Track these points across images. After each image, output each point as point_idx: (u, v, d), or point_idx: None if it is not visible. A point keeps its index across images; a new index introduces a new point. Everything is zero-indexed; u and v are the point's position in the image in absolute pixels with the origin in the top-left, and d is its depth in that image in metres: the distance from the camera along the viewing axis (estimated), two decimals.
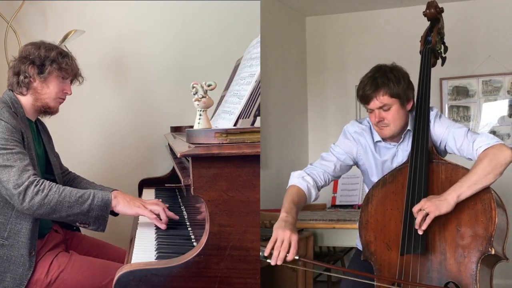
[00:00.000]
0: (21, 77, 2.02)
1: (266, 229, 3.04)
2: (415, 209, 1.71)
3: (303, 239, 2.95)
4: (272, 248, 1.63)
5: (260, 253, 1.60)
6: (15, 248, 1.89)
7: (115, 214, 2.20)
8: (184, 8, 3.23)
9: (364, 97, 1.87)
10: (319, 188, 1.95)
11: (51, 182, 1.84)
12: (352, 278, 1.81)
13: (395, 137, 1.94)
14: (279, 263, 1.62)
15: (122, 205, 1.92)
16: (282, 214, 1.76)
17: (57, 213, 1.81)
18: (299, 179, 1.92)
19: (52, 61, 2.03)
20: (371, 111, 1.89)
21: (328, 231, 2.93)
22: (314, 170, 1.97)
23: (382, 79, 1.85)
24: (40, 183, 1.81)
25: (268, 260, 1.62)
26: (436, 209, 1.68)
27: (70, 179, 2.42)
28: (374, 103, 1.86)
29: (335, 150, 2.02)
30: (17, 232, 1.90)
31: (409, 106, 1.91)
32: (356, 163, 2.04)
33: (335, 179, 2.03)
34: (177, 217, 2.00)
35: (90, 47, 3.09)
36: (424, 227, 1.69)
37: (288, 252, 1.62)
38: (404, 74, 1.90)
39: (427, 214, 1.68)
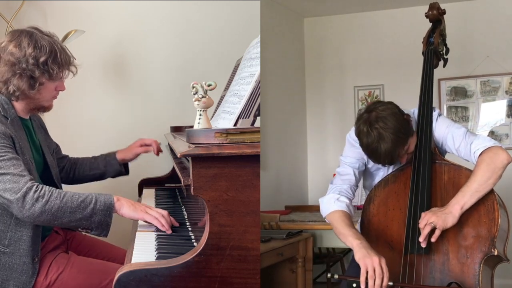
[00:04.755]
0: (10, 89, 1.90)
1: (265, 230, 3.04)
2: (421, 224, 1.70)
3: (303, 240, 2.95)
4: (366, 278, 1.62)
5: (354, 285, 1.64)
6: (16, 256, 1.85)
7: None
8: (184, 8, 3.23)
9: (389, 163, 1.80)
10: (352, 202, 1.93)
11: (51, 188, 1.74)
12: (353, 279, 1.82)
13: None
14: None
15: (127, 208, 1.82)
16: (355, 242, 1.72)
17: (59, 219, 1.72)
18: (336, 203, 1.88)
19: (42, 71, 1.91)
20: None
21: (328, 232, 2.93)
22: (342, 188, 1.93)
23: (391, 140, 1.73)
24: (39, 189, 1.71)
25: None
26: (443, 223, 1.68)
27: (71, 164, 2.43)
28: (398, 157, 1.81)
29: (348, 161, 1.97)
30: (18, 239, 1.85)
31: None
32: (365, 166, 2.01)
33: (357, 188, 2.00)
34: (177, 224, 1.93)
35: (90, 47, 3.09)
36: (434, 239, 1.69)
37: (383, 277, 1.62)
38: (392, 114, 1.77)
39: (434, 228, 1.68)
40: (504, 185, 1.92)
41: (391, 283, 1.63)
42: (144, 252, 1.70)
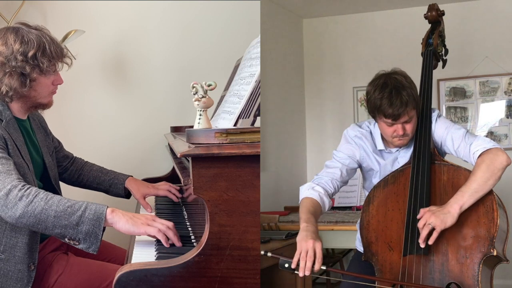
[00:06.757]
0: (3, 90, 1.83)
1: (264, 231, 3.04)
2: (420, 224, 1.70)
3: None
4: (299, 260, 1.63)
5: (286, 265, 1.64)
6: (11, 263, 1.80)
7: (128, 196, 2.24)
8: (184, 8, 3.24)
9: (394, 115, 1.78)
10: (330, 196, 1.93)
11: (39, 189, 1.65)
12: (351, 281, 1.82)
13: None
14: (307, 273, 1.62)
15: (125, 222, 1.66)
16: (302, 225, 1.74)
17: (43, 223, 1.60)
18: (309, 191, 1.90)
19: (32, 67, 1.83)
20: (391, 124, 1.82)
21: (327, 233, 2.93)
22: (322, 180, 1.94)
23: (406, 91, 1.77)
24: (25, 188, 1.62)
25: (296, 272, 1.63)
26: (442, 223, 1.67)
27: (77, 168, 2.37)
28: (403, 118, 1.80)
29: (338, 156, 1.98)
30: (13, 246, 1.80)
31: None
32: (360, 166, 2.02)
33: (344, 184, 1.99)
34: (180, 244, 1.73)
35: (90, 47, 3.09)
36: (431, 241, 1.69)
37: (314, 261, 1.62)
38: (412, 80, 1.85)
39: (433, 228, 1.68)
40: (504, 185, 1.93)
41: (324, 267, 1.63)
42: (144, 252, 1.71)
